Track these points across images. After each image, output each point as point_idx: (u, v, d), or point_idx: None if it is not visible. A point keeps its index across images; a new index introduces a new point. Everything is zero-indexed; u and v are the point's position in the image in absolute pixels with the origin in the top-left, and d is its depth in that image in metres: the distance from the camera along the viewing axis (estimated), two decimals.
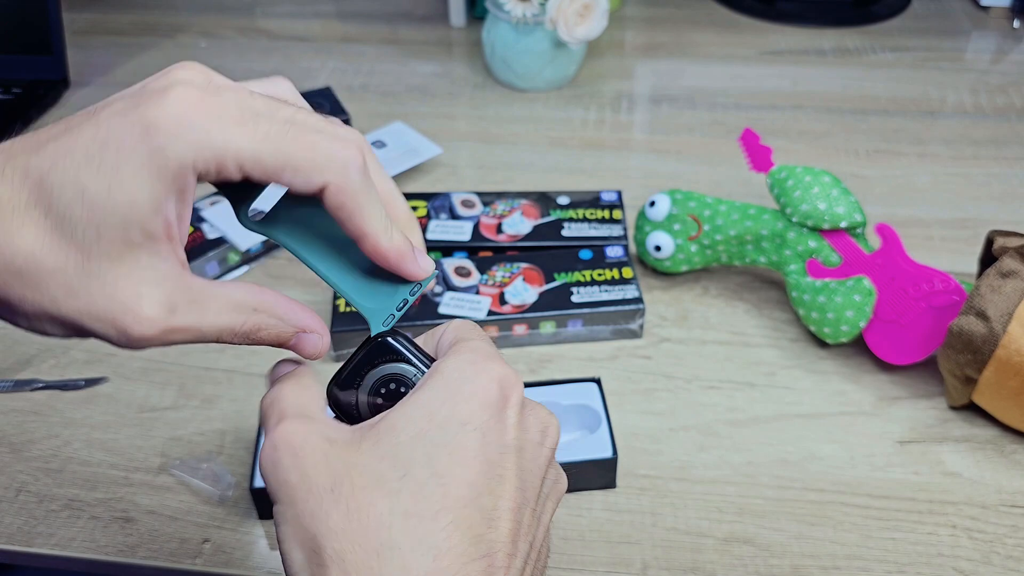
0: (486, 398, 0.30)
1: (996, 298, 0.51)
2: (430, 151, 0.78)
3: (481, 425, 0.29)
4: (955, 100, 0.91)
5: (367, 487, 0.28)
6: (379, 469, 0.28)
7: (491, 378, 0.30)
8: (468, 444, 0.29)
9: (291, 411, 0.30)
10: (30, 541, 0.50)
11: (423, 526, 0.27)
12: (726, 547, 0.49)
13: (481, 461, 0.29)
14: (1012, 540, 0.49)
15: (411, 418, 0.29)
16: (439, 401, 0.29)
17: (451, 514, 0.28)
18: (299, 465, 0.28)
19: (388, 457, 0.28)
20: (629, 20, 1.08)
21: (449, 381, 0.30)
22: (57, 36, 0.91)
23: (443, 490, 0.28)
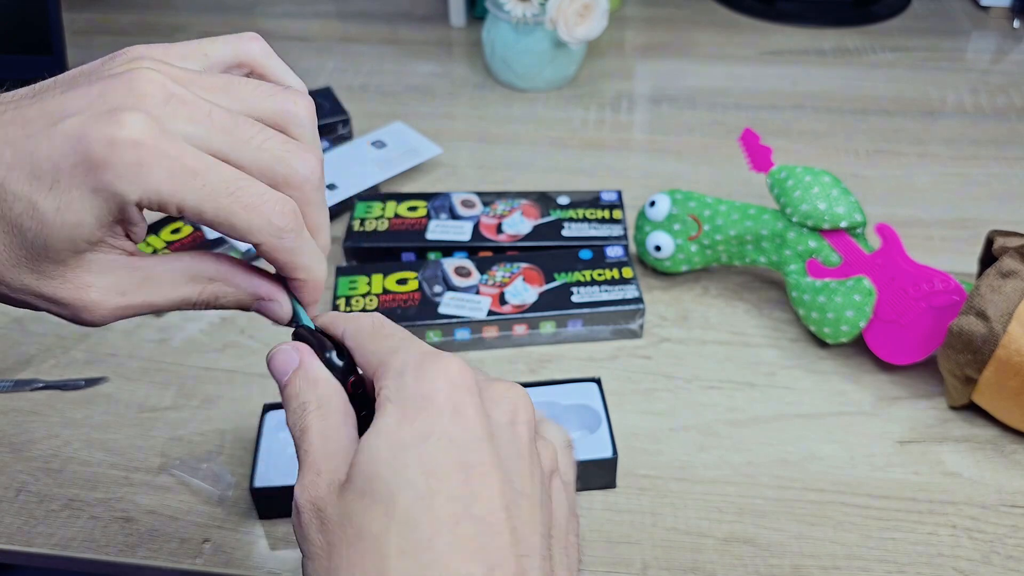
0: (438, 403, 0.28)
1: (996, 298, 0.51)
2: (430, 151, 0.78)
3: (443, 432, 0.28)
4: (955, 100, 0.91)
5: (359, 538, 0.27)
6: (366, 515, 0.27)
7: (435, 383, 0.29)
8: (437, 456, 0.27)
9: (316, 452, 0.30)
10: (30, 541, 0.50)
11: (419, 558, 0.26)
12: (726, 547, 0.49)
13: (456, 468, 0.28)
14: (1012, 540, 0.49)
15: (376, 452, 0.28)
16: (395, 424, 0.28)
17: (444, 536, 0.27)
18: (308, 535, 0.29)
19: (368, 498, 0.27)
20: (629, 20, 1.08)
21: (399, 401, 0.29)
22: (57, 36, 0.91)
23: (430, 514, 0.27)
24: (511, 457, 0.29)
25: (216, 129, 0.29)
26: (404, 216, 0.69)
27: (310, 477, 0.29)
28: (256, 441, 0.51)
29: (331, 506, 0.28)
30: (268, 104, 0.31)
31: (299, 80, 0.35)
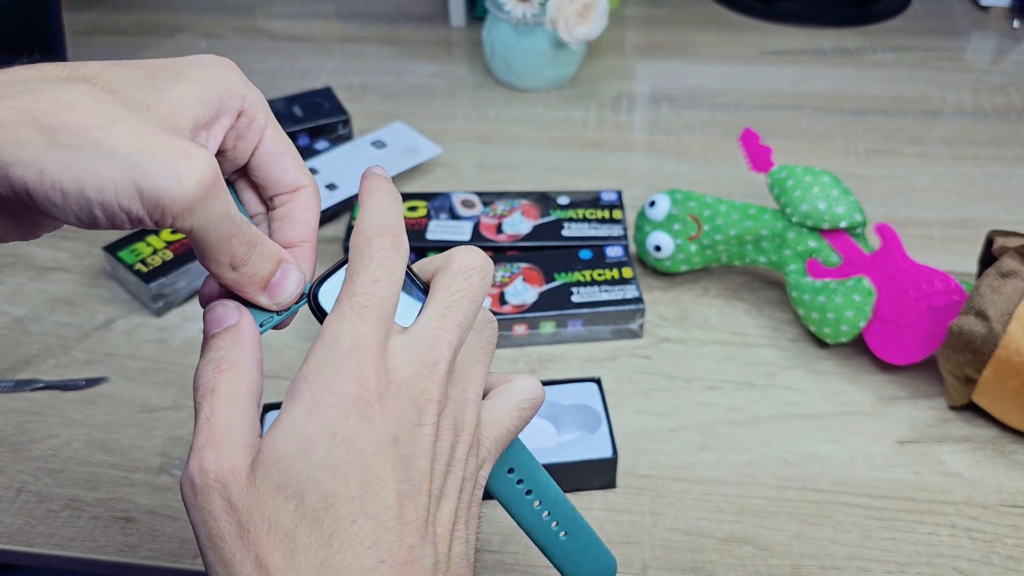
0: (347, 402, 0.29)
1: (996, 298, 0.51)
2: (430, 151, 0.78)
3: (348, 433, 0.29)
4: (955, 100, 0.91)
5: (271, 530, 0.28)
6: (280, 509, 0.28)
7: (349, 382, 0.29)
8: (342, 457, 0.28)
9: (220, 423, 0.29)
10: (30, 541, 0.50)
11: (319, 554, 0.28)
12: (726, 547, 0.49)
13: (357, 470, 0.29)
14: (1012, 540, 0.49)
15: (288, 443, 0.28)
16: (306, 416, 0.29)
17: (341, 534, 0.28)
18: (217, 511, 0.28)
19: (283, 493, 0.28)
20: (629, 20, 1.08)
21: (312, 392, 0.29)
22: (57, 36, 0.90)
23: (331, 512, 0.28)
24: (413, 457, 0.30)
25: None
26: (404, 216, 0.69)
27: (211, 454, 0.28)
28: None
29: (239, 491, 0.28)
30: None
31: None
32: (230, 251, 0.30)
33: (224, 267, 0.31)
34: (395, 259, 0.31)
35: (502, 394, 0.35)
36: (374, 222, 0.32)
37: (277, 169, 0.34)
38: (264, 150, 0.34)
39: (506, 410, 0.35)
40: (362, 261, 0.31)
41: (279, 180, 0.35)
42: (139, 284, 0.63)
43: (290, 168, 0.34)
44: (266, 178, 0.35)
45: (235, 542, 0.28)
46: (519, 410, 0.35)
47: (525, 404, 0.35)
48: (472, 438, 0.33)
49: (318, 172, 0.74)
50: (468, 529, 0.33)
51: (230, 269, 0.31)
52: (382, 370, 0.30)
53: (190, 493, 0.29)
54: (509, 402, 0.35)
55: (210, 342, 0.31)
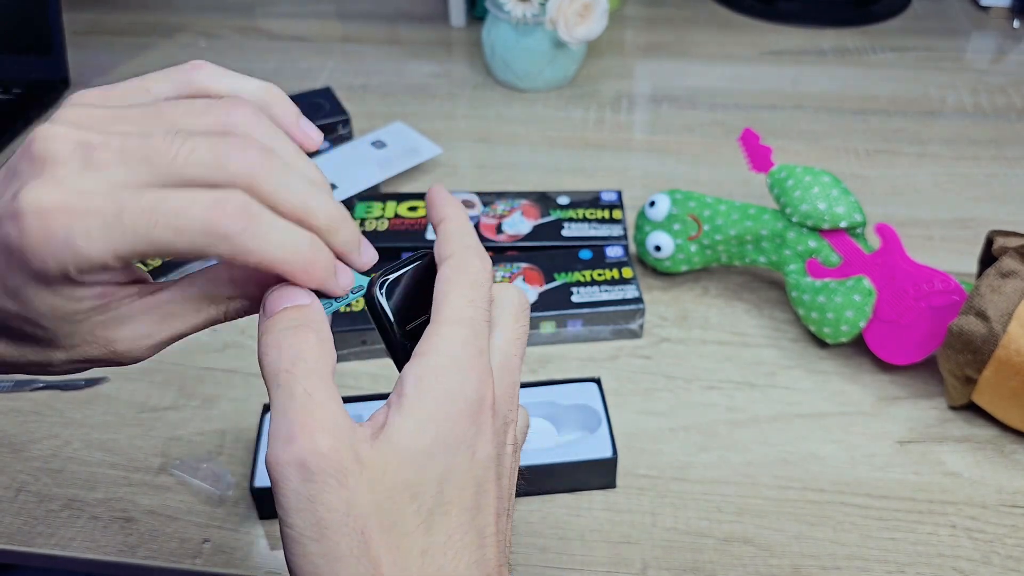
0: (470, 408, 0.29)
1: (996, 298, 0.51)
2: (430, 151, 0.78)
3: (471, 442, 0.28)
4: (955, 100, 0.91)
5: (388, 529, 0.27)
6: (399, 505, 0.27)
7: (474, 385, 0.29)
8: (460, 468, 0.28)
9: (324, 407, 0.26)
10: (30, 541, 0.50)
11: (435, 560, 0.27)
12: (726, 547, 0.49)
13: (473, 482, 0.29)
14: (1012, 540, 0.49)
15: (421, 438, 0.27)
16: (438, 416, 0.28)
17: (454, 543, 0.28)
18: (334, 502, 0.26)
19: (406, 492, 0.27)
20: (629, 20, 1.08)
21: (431, 396, 0.28)
22: (57, 36, 0.91)
23: (446, 520, 0.28)
24: (504, 476, 0.31)
25: (134, 162, 0.26)
26: (404, 216, 0.69)
27: (326, 438, 0.26)
28: (256, 441, 0.52)
29: (361, 483, 0.26)
30: (201, 122, 0.28)
31: (258, 84, 0.32)
32: None
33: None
34: (491, 278, 0.32)
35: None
36: (474, 237, 0.32)
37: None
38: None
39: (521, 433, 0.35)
40: (476, 272, 0.31)
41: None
42: None
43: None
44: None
45: (352, 535, 0.26)
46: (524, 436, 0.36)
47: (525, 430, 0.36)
48: (519, 456, 0.34)
49: None
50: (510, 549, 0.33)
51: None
52: (488, 381, 0.30)
53: (298, 478, 0.26)
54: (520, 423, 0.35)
55: (277, 317, 0.29)
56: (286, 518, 0.26)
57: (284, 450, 0.26)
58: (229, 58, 0.99)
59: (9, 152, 0.84)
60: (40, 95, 0.90)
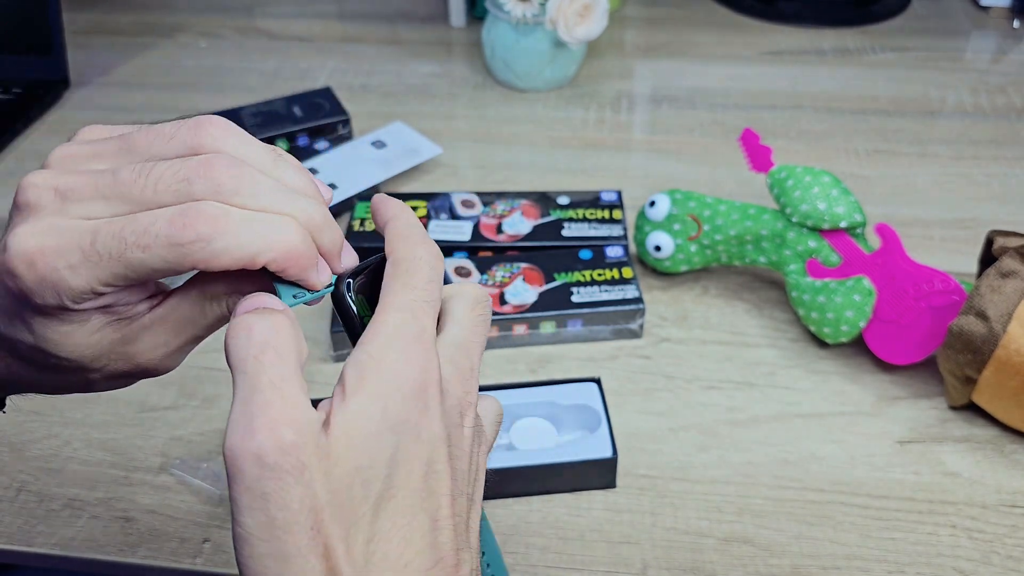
0: (412, 389, 0.28)
1: (996, 298, 0.51)
2: (430, 151, 0.78)
3: (415, 423, 0.28)
4: (955, 100, 0.91)
5: (337, 519, 0.26)
6: (349, 493, 0.26)
7: (413, 366, 0.28)
8: (408, 450, 0.28)
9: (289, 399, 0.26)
10: (30, 541, 0.50)
11: (380, 547, 0.27)
12: (726, 547, 0.49)
13: (421, 463, 0.28)
14: (1012, 540, 0.49)
15: (360, 423, 0.27)
16: (378, 400, 0.27)
17: (401, 529, 0.27)
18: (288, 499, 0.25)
19: (358, 473, 0.26)
20: (629, 20, 1.08)
21: (377, 377, 0.28)
22: (57, 36, 0.91)
23: (393, 504, 0.27)
24: (459, 459, 0.30)
25: (106, 197, 0.28)
26: None
27: (289, 431, 0.25)
28: None
29: (319, 476, 0.26)
30: (170, 147, 0.29)
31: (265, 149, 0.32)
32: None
33: None
34: (441, 268, 0.32)
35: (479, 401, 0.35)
36: (419, 231, 0.32)
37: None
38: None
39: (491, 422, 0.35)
40: (418, 262, 0.31)
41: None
42: None
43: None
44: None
45: (303, 532, 0.25)
46: (496, 426, 0.35)
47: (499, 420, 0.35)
48: (488, 444, 0.33)
49: (318, 172, 0.74)
50: (477, 537, 0.32)
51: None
52: (434, 361, 0.29)
53: (256, 472, 0.25)
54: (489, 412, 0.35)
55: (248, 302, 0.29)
56: (238, 516, 0.25)
57: (243, 442, 0.25)
58: (229, 58, 0.99)
59: (9, 152, 0.84)
60: (40, 95, 0.90)
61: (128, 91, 0.93)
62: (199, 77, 0.96)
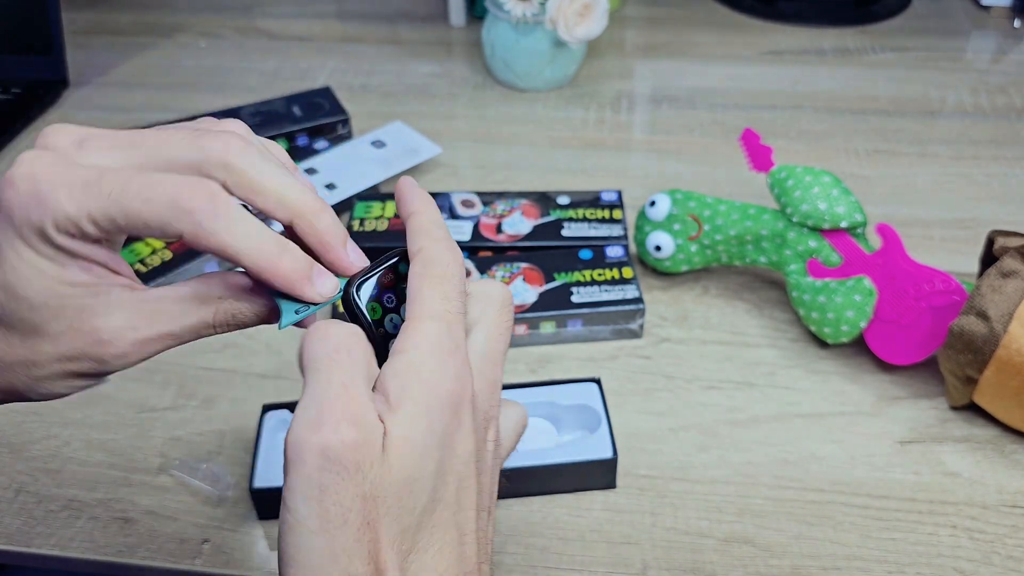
0: (450, 403, 0.28)
1: (997, 298, 0.51)
2: (430, 151, 0.78)
3: (451, 438, 0.28)
4: (955, 100, 0.91)
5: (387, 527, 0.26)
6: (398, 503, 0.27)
7: (451, 380, 0.28)
8: (446, 464, 0.28)
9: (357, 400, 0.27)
10: (29, 541, 0.49)
11: (423, 558, 0.27)
12: (726, 547, 0.49)
13: (455, 478, 0.28)
14: (1012, 540, 0.49)
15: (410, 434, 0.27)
16: (424, 412, 0.28)
17: (436, 541, 0.28)
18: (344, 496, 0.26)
19: (408, 484, 0.27)
20: (629, 20, 1.08)
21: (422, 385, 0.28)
22: (57, 36, 0.90)
23: (432, 516, 0.28)
24: (484, 473, 0.30)
25: (122, 148, 0.30)
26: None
27: (352, 431, 0.26)
28: (255, 441, 0.51)
29: (374, 480, 0.26)
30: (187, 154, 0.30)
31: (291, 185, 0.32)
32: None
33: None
34: (463, 273, 0.31)
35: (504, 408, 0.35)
36: (446, 231, 0.32)
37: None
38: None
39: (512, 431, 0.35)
40: (449, 267, 0.30)
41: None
42: None
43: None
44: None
45: (355, 532, 0.26)
46: (516, 435, 0.35)
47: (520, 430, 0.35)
48: (505, 455, 0.33)
49: (318, 172, 0.74)
50: (491, 547, 0.33)
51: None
52: (468, 375, 0.29)
53: (315, 465, 0.25)
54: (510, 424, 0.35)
55: (321, 322, 0.29)
56: (291, 503, 0.26)
57: (309, 433, 0.26)
58: (229, 58, 0.99)
59: (8, 152, 0.84)
60: (39, 95, 0.89)
61: (127, 91, 0.93)
62: (199, 77, 0.96)
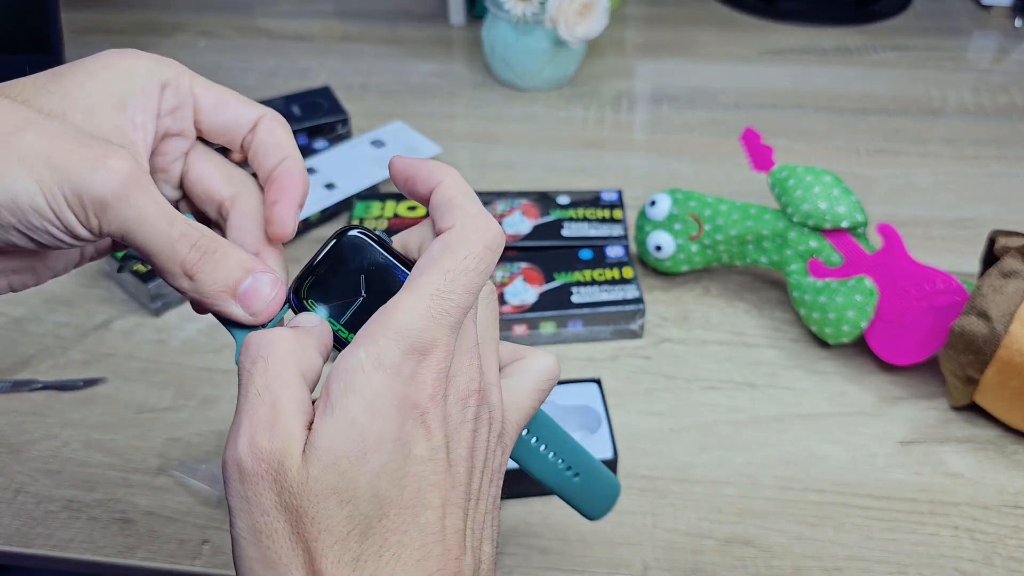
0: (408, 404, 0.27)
1: (998, 298, 0.51)
2: (429, 150, 0.78)
3: (405, 439, 0.27)
4: (956, 99, 0.90)
5: (320, 534, 0.26)
6: (328, 510, 0.26)
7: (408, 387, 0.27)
8: (398, 464, 0.27)
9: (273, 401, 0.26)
10: (28, 542, 0.49)
11: (369, 567, 0.26)
12: (727, 548, 0.49)
13: (413, 478, 0.27)
14: (1014, 541, 0.49)
15: (347, 442, 0.26)
16: (367, 415, 0.26)
17: (392, 546, 0.27)
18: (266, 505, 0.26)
19: (337, 496, 0.26)
20: (629, 19, 1.08)
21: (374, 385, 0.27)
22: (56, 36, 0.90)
23: (383, 522, 0.26)
24: (460, 461, 0.29)
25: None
26: (404, 216, 0.68)
27: (264, 437, 0.26)
28: None
29: (293, 485, 0.26)
30: None
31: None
32: (177, 256, 0.28)
33: (179, 276, 0.29)
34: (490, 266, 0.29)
35: (519, 372, 0.34)
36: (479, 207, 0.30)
37: (228, 113, 0.33)
38: (204, 106, 0.33)
39: (525, 391, 0.33)
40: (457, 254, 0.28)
41: (235, 121, 0.33)
42: (137, 284, 0.63)
43: (238, 108, 0.33)
44: (223, 125, 0.33)
45: (284, 541, 0.26)
46: (538, 391, 0.34)
47: (544, 384, 0.34)
48: (500, 426, 0.31)
49: (317, 172, 0.74)
50: (494, 526, 0.31)
51: (186, 278, 0.29)
52: (444, 373, 0.28)
53: (236, 478, 0.26)
54: (527, 382, 0.33)
55: (250, 334, 0.29)
56: (231, 519, 0.26)
57: (228, 449, 0.26)
58: (229, 58, 0.99)
59: None
60: None
61: None
62: None
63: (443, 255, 0.28)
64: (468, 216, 0.29)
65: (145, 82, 0.31)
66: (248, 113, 0.33)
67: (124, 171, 0.27)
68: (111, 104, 0.30)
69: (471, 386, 0.29)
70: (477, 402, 0.29)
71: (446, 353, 0.28)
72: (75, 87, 0.29)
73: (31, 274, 0.32)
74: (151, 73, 0.31)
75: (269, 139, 0.33)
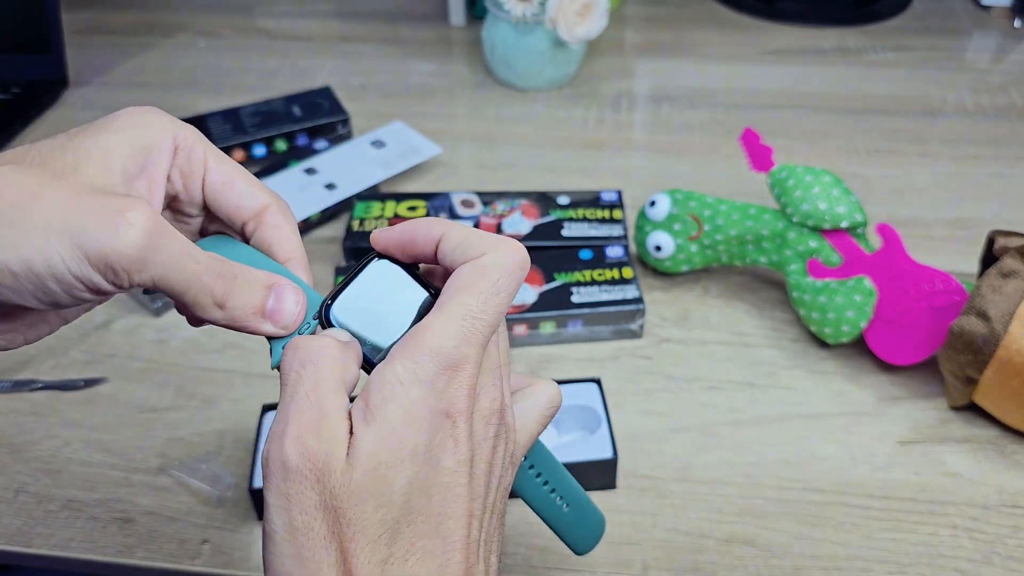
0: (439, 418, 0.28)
1: (997, 298, 0.51)
2: (430, 151, 0.78)
3: (436, 450, 0.28)
4: (956, 100, 0.91)
5: (355, 535, 0.27)
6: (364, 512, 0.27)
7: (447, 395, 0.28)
8: (429, 474, 0.28)
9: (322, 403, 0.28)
10: (29, 542, 0.49)
11: (395, 569, 0.27)
12: (727, 548, 0.49)
13: (440, 488, 0.28)
14: (1013, 541, 0.49)
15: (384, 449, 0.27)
16: (403, 425, 0.28)
17: (417, 552, 0.28)
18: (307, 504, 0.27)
19: (375, 500, 0.27)
20: (629, 19, 1.08)
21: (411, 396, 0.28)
22: (56, 36, 0.90)
23: (412, 528, 0.28)
24: (480, 475, 0.30)
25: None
26: (404, 216, 0.69)
27: (312, 438, 0.27)
28: (255, 441, 0.51)
29: (336, 486, 0.27)
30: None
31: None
32: (208, 290, 0.30)
33: (212, 308, 0.30)
34: (518, 288, 0.31)
35: (527, 398, 0.35)
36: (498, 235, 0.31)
37: (232, 195, 0.33)
38: (212, 180, 0.33)
39: (532, 416, 0.35)
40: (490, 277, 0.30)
41: (238, 205, 0.33)
42: None
43: (244, 191, 0.33)
44: (225, 208, 0.34)
45: (319, 539, 0.27)
46: (543, 417, 0.35)
47: (548, 411, 0.35)
48: (513, 446, 0.33)
49: (317, 172, 0.74)
50: (500, 539, 0.33)
51: (218, 309, 0.30)
52: (473, 388, 0.29)
53: (280, 475, 0.27)
54: (534, 408, 0.35)
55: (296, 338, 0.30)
56: (267, 514, 0.27)
57: (273, 447, 0.27)
58: (228, 57, 0.99)
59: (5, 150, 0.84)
60: (39, 95, 0.89)
61: (127, 90, 0.93)
62: (198, 77, 0.95)
63: (477, 278, 0.30)
64: (499, 241, 0.31)
65: (159, 141, 0.32)
66: (253, 200, 0.33)
67: (145, 223, 0.27)
68: (122, 161, 0.30)
69: (494, 405, 0.31)
70: (498, 421, 0.31)
71: (475, 370, 0.29)
72: (89, 140, 0.30)
73: (45, 325, 0.33)
74: (165, 132, 0.32)
75: (275, 235, 0.34)
